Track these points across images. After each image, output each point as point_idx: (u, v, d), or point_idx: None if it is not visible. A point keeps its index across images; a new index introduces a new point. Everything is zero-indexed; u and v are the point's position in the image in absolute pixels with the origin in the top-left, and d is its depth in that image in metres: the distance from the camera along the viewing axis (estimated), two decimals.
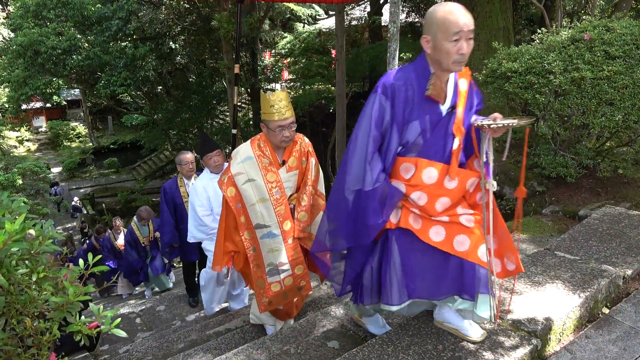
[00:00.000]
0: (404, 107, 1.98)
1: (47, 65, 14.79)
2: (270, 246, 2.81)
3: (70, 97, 27.27)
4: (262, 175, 2.76)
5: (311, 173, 2.91)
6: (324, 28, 18.90)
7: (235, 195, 2.79)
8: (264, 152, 2.78)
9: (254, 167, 2.76)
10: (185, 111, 17.82)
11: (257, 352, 2.79)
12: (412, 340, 2.23)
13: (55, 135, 26.67)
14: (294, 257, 2.86)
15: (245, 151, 2.80)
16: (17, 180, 12.71)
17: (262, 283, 2.87)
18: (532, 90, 4.50)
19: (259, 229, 2.80)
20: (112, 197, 20.91)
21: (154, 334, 4.44)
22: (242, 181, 2.76)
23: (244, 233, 2.82)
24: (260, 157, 2.78)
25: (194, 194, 3.81)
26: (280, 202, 2.79)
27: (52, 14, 14.97)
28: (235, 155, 2.83)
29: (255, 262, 2.86)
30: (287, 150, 2.83)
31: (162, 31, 16.04)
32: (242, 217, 2.81)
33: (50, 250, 1.32)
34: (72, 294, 1.22)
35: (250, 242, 2.84)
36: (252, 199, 2.77)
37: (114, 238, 7.36)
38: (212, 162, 3.78)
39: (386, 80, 2.00)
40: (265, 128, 2.75)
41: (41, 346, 1.24)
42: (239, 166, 2.78)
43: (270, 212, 2.78)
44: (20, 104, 20.55)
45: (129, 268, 6.72)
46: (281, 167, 2.82)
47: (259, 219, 2.78)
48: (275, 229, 2.79)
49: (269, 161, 2.78)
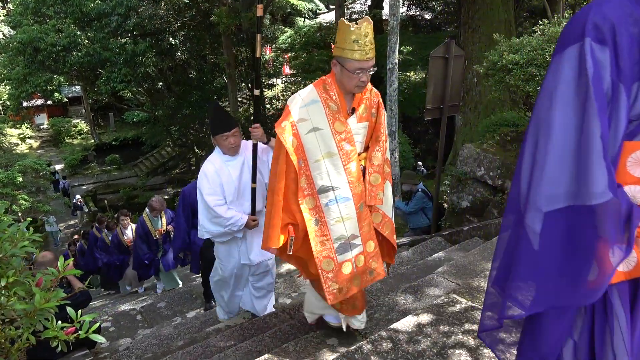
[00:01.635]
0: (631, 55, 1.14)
1: (47, 62, 14.77)
2: (339, 213, 2.31)
3: (71, 94, 27.28)
4: (330, 123, 2.29)
5: (384, 127, 2.50)
6: (324, 22, 18.81)
7: (297, 147, 2.26)
8: (331, 97, 2.32)
9: (320, 113, 2.29)
10: (186, 107, 17.81)
11: (256, 349, 2.77)
12: (412, 338, 2.20)
13: (57, 132, 26.71)
14: (366, 230, 2.38)
15: (309, 94, 2.34)
16: (18, 178, 12.71)
17: (329, 264, 2.32)
18: (533, 82, 4.44)
19: (323, 193, 2.29)
20: (114, 194, 20.95)
21: (154, 331, 4.43)
22: (305, 130, 2.27)
23: (304, 201, 2.28)
24: (327, 102, 2.31)
25: (202, 179, 3.14)
26: (350, 158, 2.32)
27: (52, 11, 14.94)
28: (295, 99, 2.34)
29: (319, 237, 2.31)
30: (357, 97, 2.39)
31: (161, 27, 15.99)
32: (303, 179, 2.28)
33: (22, 253, 1.27)
34: (39, 300, 1.17)
35: (313, 212, 2.30)
36: (317, 154, 2.27)
37: (121, 233, 7.04)
38: (228, 143, 3.09)
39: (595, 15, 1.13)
40: (337, 67, 2.26)
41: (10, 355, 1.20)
42: (302, 111, 2.28)
43: (338, 170, 2.29)
44: (21, 101, 20.59)
45: (138, 261, 6.40)
46: (350, 116, 2.36)
47: (324, 180, 2.28)
48: (346, 191, 2.31)
49: (337, 107, 2.31)
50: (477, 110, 9.56)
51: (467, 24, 9.93)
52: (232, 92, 16.26)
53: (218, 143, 3.14)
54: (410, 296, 3.07)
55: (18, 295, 1.21)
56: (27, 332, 1.16)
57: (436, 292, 3.12)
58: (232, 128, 3.07)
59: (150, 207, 6.08)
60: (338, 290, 2.33)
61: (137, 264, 6.45)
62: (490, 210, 5.19)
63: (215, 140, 3.14)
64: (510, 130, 5.84)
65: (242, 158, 3.17)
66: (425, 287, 3.21)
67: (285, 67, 20.20)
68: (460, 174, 5.52)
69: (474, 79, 9.53)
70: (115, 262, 7.08)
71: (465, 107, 9.68)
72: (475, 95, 9.71)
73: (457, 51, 5.59)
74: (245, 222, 3.13)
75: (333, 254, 2.32)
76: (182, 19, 16.20)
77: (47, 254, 3.56)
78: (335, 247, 2.32)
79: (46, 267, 3.26)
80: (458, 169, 5.59)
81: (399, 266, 4.33)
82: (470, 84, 9.70)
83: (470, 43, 9.71)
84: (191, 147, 20.47)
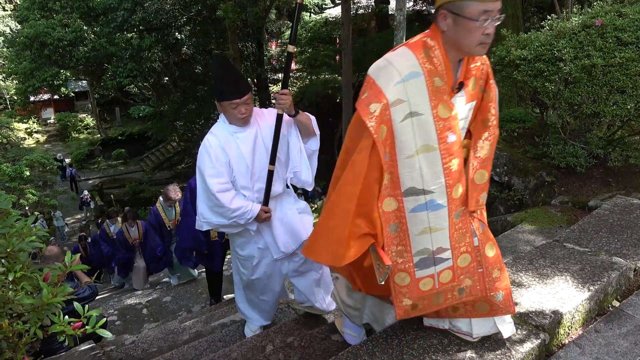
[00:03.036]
0: None
1: (53, 56, 14.85)
2: (427, 223, 1.82)
3: (77, 88, 27.41)
4: (432, 107, 1.69)
5: (495, 106, 1.87)
6: (330, 17, 18.75)
7: (387, 138, 1.71)
8: (435, 66, 1.68)
9: (422, 92, 1.68)
10: (192, 102, 17.84)
11: (261, 344, 2.77)
12: (417, 334, 2.19)
13: (64, 127, 26.88)
14: (459, 241, 1.88)
15: (407, 62, 1.68)
16: (25, 172, 12.81)
17: (404, 278, 1.89)
18: (541, 78, 4.40)
19: (411, 197, 1.79)
20: (120, 188, 21.07)
21: (160, 325, 4.45)
22: (401, 115, 1.69)
23: (383, 203, 1.80)
24: (430, 75, 1.68)
25: (203, 156, 2.48)
26: (452, 152, 1.76)
27: (58, 6, 15.00)
28: (387, 71, 1.69)
29: (395, 247, 1.86)
30: (465, 66, 1.76)
31: (167, 22, 15.99)
32: (387, 177, 1.77)
33: (29, 248, 1.28)
34: (46, 295, 1.18)
35: (392, 216, 1.82)
36: (410, 147, 1.72)
37: (126, 230, 6.85)
38: (238, 112, 2.44)
39: None
40: (448, 19, 1.62)
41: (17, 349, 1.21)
42: (399, 89, 1.66)
43: (435, 169, 1.75)
44: (28, 95, 20.76)
45: (150, 254, 6.15)
46: (456, 94, 1.75)
47: (415, 181, 1.76)
48: (441, 196, 1.79)
49: (443, 83, 1.70)
50: None
51: None
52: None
53: (224, 110, 2.49)
54: None
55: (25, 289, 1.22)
56: (34, 327, 1.17)
57: None
58: (244, 94, 2.43)
59: (166, 196, 5.73)
60: (412, 306, 1.91)
61: (149, 256, 6.21)
62: (497, 207, 5.16)
63: (221, 107, 2.48)
64: (517, 127, 5.79)
65: (255, 129, 2.52)
66: None
67: None
68: None
69: None
70: (121, 260, 6.92)
71: None
72: None
73: None
74: (256, 214, 2.51)
75: (411, 268, 1.87)
76: (188, 13, 16.20)
77: (53, 248, 3.59)
78: (414, 262, 1.86)
79: (53, 261, 3.29)
80: None
81: None
82: None
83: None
84: (197, 142, 20.49)
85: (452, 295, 1.95)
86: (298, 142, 2.58)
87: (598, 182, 4.67)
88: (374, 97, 1.68)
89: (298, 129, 2.57)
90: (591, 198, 4.37)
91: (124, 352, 3.45)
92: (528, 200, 4.84)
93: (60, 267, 1.33)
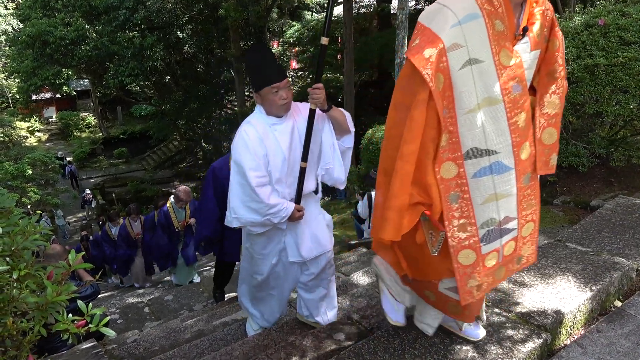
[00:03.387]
0: None
1: (55, 55, 14.88)
2: (493, 189, 1.63)
3: (79, 87, 27.46)
4: (493, 53, 1.51)
5: (562, 56, 1.69)
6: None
7: (444, 90, 1.51)
8: (495, 8, 1.50)
9: (481, 36, 1.49)
10: (194, 101, 17.87)
11: (262, 343, 2.78)
12: (419, 333, 2.19)
13: (66, 126, 26.93)
14: (527, 209, 1.73)
15: (465, 2, 1.50)
16: (27, 171, 12.84)
17: (469, 256, 1.69)
18: None
19: (473, 159, 1.59)
20: (122, 187, 21.10)
21: (162, 324, 4.46)
22: (459, 62, 1.49)
23: (441, 168, 1.59)
24: (490, 16, 1.49)
25: (241, 147, 2.33)
26: (518, 106, 1.57)
27: (60, 4, 15.03)
28: (441, 12, 1.52)
29: (457, 219, 1.65)
30: (528, 9, 1.58)
31: (169, 20, 16.02)
32: (445, 137, 1.57)
33: (33, 246, 1.28)
34: (51, 293, 1.18)
35: (453, 184, 1.62)
36: (471, 100, 1.53)
37: (129, 226, 6.86)
38: (279, 98, 2.33)
39: None
40: None
41: (21, 347, 1.21)
42: (456, 31, 1.48)
43: (500, 125, 1.56)
44: (30, 94, 20.81)
45: (158, 251, 6.16)
46: (519, 40, 1.56)
47: (477, 139, 1.56)
48: (507, 157, 1.61)
49: (504, 27, 1.51)
50: None
51: None
52: (239, 86, 16.26)
53: (264, 99, 2.36)
54: None
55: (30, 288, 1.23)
56: (38, 325, 1.17)
57: None
58: (282, 77, 2.34)
59: (177, 198, 5.79)
60: (477, 287, 1.73)
61: (156, 255, 6.24)
62: None
63: (260, 96, 2.37)
64: None
65: (292, 121, 2.43)
66: None
67: (293, 62, 20.16)
68: None
69: None
70: (122, 257, 6.93)
71: None
72: None
73: None
74: (290, 213, 2.39)
75: (476, 243, 1.68)
76: (190, 12, 16.21)
77: (56, 246, 3.59)
78: (480, 235, 1.67)
79: (56, 259, 3.28)
80: None
81: None
82: None
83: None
84: (198, 141, 20.54)
85: (511, 267, 1.81)
86: (331, 137, 2.48)
87: (600, 181, 4.66)
88: (427, 42, 1.48)
89: (332, 125, 2.48)
90: (593, 198, 4.37)
91: (125, 351, 3.45)
92: None
93: (63, 265, 1.33)
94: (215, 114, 19.46)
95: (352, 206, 8.70)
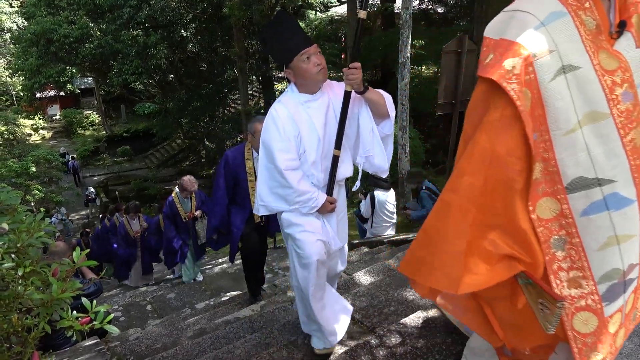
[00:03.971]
0: None
1: (60, 53, 14.93)
2: (612, 230, 1.26)
3: (83, 85, 27.54)
4: (590, 55, 1.22)
5: None
6: (336, 15, 18.72)
7: (532, 109, 1.22)
8: (580, 1, 1.24)
9: (573, 37, 1.22)
10: (197, 100, 17.90)
11: (264, 341, 2.78)
12: (422, 333, 2.20)
13: (69, 123, 27.03)
14: None
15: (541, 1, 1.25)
16: (31, 168, 12.90)
17: (588, 320, 1.31)
18: None
19: (579, 191, 1.25)
20: (125, 185, 21.16)
21: (164, 322, 4.47)
22: (550, 72, 1.21)
23: (536, 206, 1.26)
24: (577, 12, 1.23)
25: (270, 128, 2.15)
26: (634, 120, 1.24)
27: (64, 3, 15.09)
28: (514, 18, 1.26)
29: (566, 272, 1.30)
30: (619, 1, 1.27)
31: (173, 19, 16.04)
32: (539, 166, 1.25)
33: (38, 243, 1.29)
34: (56, 290, 1.19)
35: (555, 225, 1.28)
36: (570, 117, 1.22)
37: (128, 224, 6.64)
38: (313, 64, 2.11)
39: None
40: None
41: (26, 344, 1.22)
42: (541, 35, 1.21)
43: (611, 145, 1.23)
44: (34, 92, 20.89)
45: (167, 246, 5.94)
46: (617, 38, 1.26)
47: (583, 166, 1.23)
48: (625, 186, 1.25)
49: (595, 23, 1.24)
50: None
51: (480, 18, 9.80)
52: (242, 85, 16.28)
53: (296, 73, 2.15)
54: None
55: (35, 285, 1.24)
56: (43, 322, 1.18)
57: None
58: (309, 42, 2.13)
59: (181, 187, 5.62)
60: None
61: (165, 249, 6.04)
62: None
63: (292, 71, 2.16)
64: None
65: (327, 98, 2.23)
66: None
67: None
68: None
69: None
70: (122, 257, 6.75)
71: None
72: None
73: (470, 46, 5.54)
74: (321, 204, 2.19)
75: (596, 303, 1.30)
76: (193, 11, 16.23)
77: (60, 243, 3.60)
78: (601, 292, 1.29)
79: (59, 257, 3.29)
80: None
81: None
82: None
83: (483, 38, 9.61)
84: (201, 139, 20.57)
85: (629, 326, 1.41)
86: (370, 122, 2.26)
87: None
88: (507, 53, 1.20)
89: (369, 108, 2.25)
90: None
91: (128, 348, 3.47)
92: None
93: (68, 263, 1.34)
94: (219, 113, 19.48)
95: (354, 205, 8.70)
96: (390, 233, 6.20)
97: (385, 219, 6.08)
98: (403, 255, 4.45)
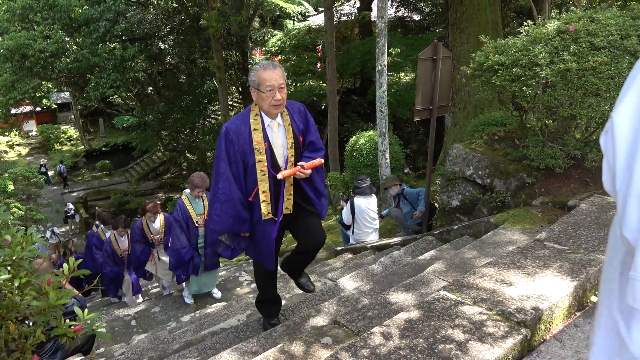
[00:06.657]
0: None
1: (35, 68, 14.72)
2: None
3: (60, 100, 27.12)
4: None
5: None
6: (313, 25, 18.88)
7: None
8: None
9: None
10: (177, 112, 17.81)
11: (251, 350, 2.80)
12: (404, 334, 2.25)
13: (46, 139, 26.54)
14: None
15: None
16: (9, 186, 12.64)
17: None
18: (519, 82, 4.52)
19: None
20: (105, 200, 20.85)
21: (149, 336, 4.44)
22: None
23: None
24: None
25: None
26: None
27: (39, 17, 14.89)
28: None
29: None
30: None
31: (150, 31, 16.00)
32: None
33: (32, 256, 1.32)
34: (54, 298, 1.23)
35: None
36: None
37: (115, 242, 6.05)
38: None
39: None
40: None
41: (25, 350, 1.25)
42: None
43: None
44: (9, 108, 20.44)
45: (176, 257, 5.03)
46: None
47: None
48: None
49: None
50: (467, 110, 9.68)
51: (455, 25, 10.04)
52: (222, 96, 16.27)
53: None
54: (403, 294, 3.13)
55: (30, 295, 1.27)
56: (39, 329, 1.21)
57: (427, 289, 3.18)
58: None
59: (191, 184, 4.82)
60: None
61: (174, 262, 5.09)
62: (480, 208, 5.26)
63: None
64: (498, 130, 5.92)
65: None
66: (417, 285, 3.26)
67: None
68: (450, 174, 5.59)
69: (462, 80, 9.65)
70: (108, 275, 6.22)
71: (454, 108, 9.80)
72: (464, 96, 9.82)
73: (445, 52, 5.68)
74: None
75: None
76: (171, 23, 16.21)
77: (40, 260, 3.56)
78: None
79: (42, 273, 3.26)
80: (447, 169, 5.66)
81: (391, 265, 4.38)
82: (459, 84, 9.81)
83: (458, 44, 9.84)
84: (182, 151, 20.44)
85: None
86: None
87: (576, 182, 4.80)
88: None
89: None
90: (570, 198, 4.49)
91: None
92: (510, 202, 4.95)
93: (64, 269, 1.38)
94: (199, 124, 19.40)
95: (337, 212, 8.76)
96: (373, 238, 6.27)
97: (366, 224, 6.15)
98: (386, 259, 4.52)
